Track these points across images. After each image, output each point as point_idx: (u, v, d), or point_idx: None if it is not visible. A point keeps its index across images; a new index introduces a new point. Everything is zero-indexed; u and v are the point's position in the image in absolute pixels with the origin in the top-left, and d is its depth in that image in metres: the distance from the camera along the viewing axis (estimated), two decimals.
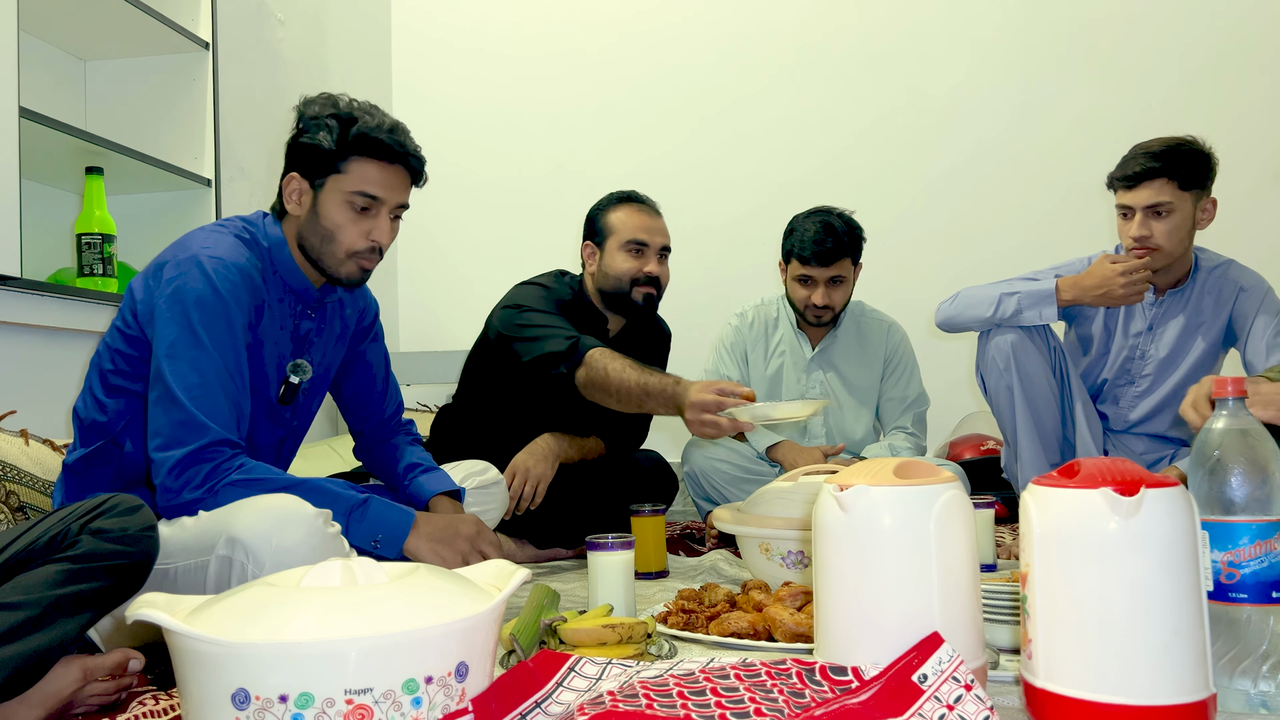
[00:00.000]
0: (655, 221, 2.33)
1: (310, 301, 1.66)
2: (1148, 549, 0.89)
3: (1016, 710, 1.03)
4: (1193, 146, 2.16)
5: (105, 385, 1.55)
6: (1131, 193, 2.17)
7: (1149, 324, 2.33)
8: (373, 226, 1.58)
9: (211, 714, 0.78)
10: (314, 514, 1.36)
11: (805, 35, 3.61)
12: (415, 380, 3.25)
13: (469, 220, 3.83)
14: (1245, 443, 1.04)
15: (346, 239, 1.57)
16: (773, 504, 1.71)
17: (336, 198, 1.56)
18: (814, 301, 2.53)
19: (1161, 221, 2.16)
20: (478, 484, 1.99)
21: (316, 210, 1.57)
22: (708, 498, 2.57)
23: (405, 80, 3.89)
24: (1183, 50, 3.33)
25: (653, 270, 2.30)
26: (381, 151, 1.56)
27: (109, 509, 1.14)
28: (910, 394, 2.66)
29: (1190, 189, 2.15)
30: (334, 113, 1.56)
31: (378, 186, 1.56)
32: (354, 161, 1.55)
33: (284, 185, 1.60)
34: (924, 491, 0.97)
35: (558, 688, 0.93)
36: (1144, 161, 2.15)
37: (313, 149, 1.55)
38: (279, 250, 1.60)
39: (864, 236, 2.57)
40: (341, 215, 1.56)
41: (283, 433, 1.69)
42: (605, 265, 2.31)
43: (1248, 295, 2.25)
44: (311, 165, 1.57)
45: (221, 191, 2.67)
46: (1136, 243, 2.19)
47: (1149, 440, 2.38)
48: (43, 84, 2.49)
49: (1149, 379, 2.34)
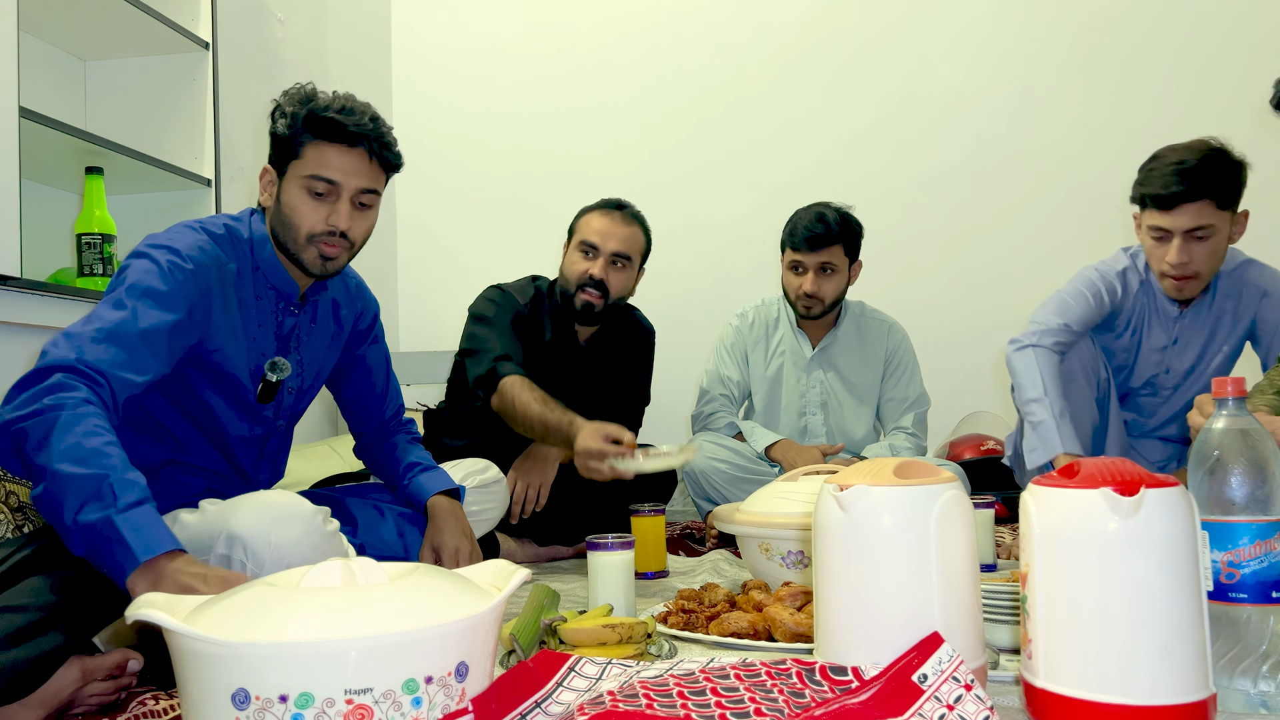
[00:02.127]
0: (616, 228, 2.30)
1: (293, 299, 1.63)
2: (1148, 549, 0.89)
3: (1016, 710, 1.03)
4: (1228, 157, 1.99)
5: None
6: (1169, 215, 1.97)
7: (1173, 339, 2.25)
8: (331, 211, 1.53)
9: (211, 714, 0.78)
10: (313, 511, 1.36)
11: (805, 36, 3.61)
12: (415, 380, 3.25)
13: (469, 220, 3.83)
14: (1245, 443, 1.04)
15: (304, 223, 1.53)
16: (773, 504, 1.71)
17: (295, 183, 1.53)
18: (804, 289, 2.53)
19: (1203, 245, 1.99)
20: (478, 483, 1.99)
21: (280, 198, 1.56)
22: (707, 498, 2.57)
23: (405, 80, 3.89)
24: (1183, 51, 3.33)
25: (596, 273, 2.27)
26: (334, 132, 1.51)
27: None
28: (911, 394, 2.66)
29: (1228, 208, 1.99)
30: (294, 98, 1.54)
31: (333, 170, 1.52)
32: (310, 145, 1.52)
33: (260, 179, 1.59)
34: (924, 491, 0.97)
35: (558, 688, 0.93)
36: (1183, 181, 1.94)
37: (274, 137, 1.54)
38: (261, 247, 1.58)
39: (860, 229, 2.57)
40: (299, 200, 1.53)
41: (263, 430, 1.66)
42: (563, 266, 2.35)
43: (1271, 301, 2.15)
44: (277, 154, 1.56)
45: (221, 191, 2.66)
46: (1174, 269, 2.02)
47: (1164, 445, 2.37)
48: (43, 84, 2.49)
49: (1170, 390, 2.31)
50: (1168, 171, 1.98)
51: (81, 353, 1.29)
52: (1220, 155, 1.99)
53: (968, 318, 3.39)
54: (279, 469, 1.76)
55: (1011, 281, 3.35)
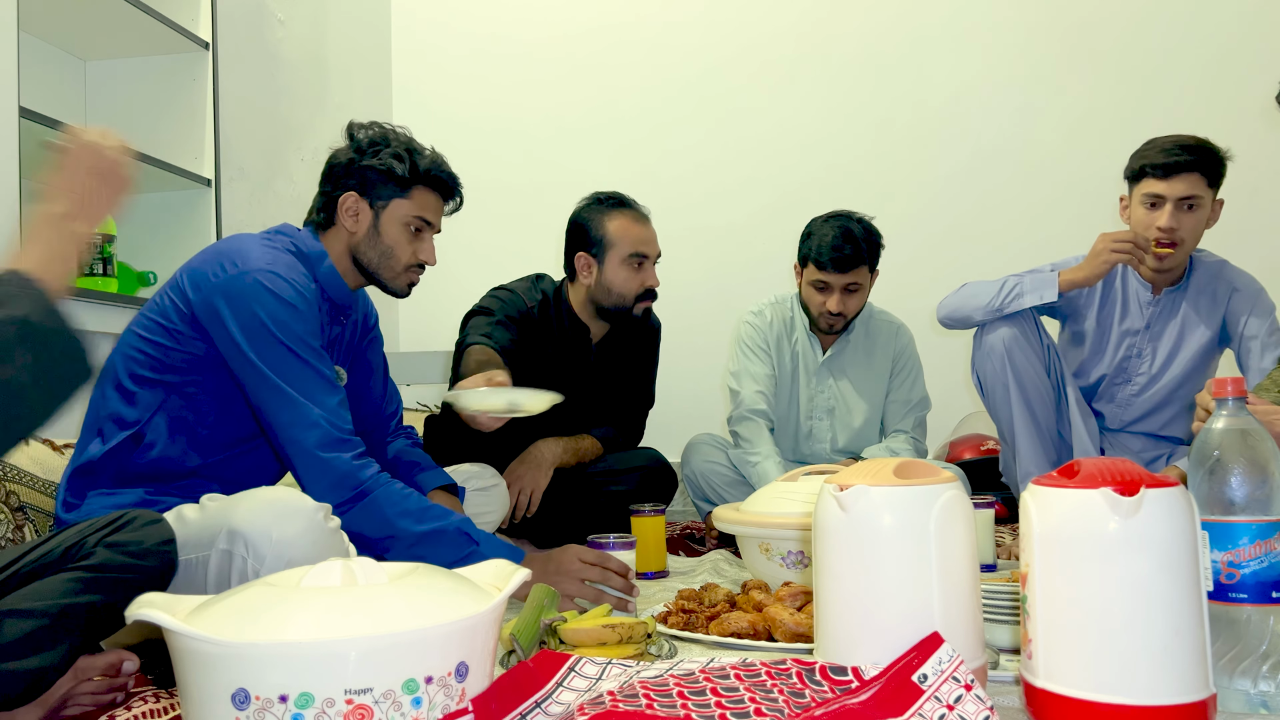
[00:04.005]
0: (649, 230, 2.35)
1: (347, 310, 1.76)
2: (1148, 549, 0.89)
3: (1016, 710, 1.03)
4: (1214, 146, 2.20)
5: (133, 376, 1.56)
6: (1166, 182, 2.16)
7: (1146, 323, 2.34)
8: (420, 247, 1.75)
9: (211, 714, 0.78)
10: (314, 508, 1.36)
11: (808, 39, 3.60)
12: (415, 380, 3.25)
13: (469, 222, 3.77)
14: (1245, 443, 1.04)
15: (404, 256, 1.73)
16: (773, 504, 1.71)
17: (398, 220, 1.71)
18: (829, 308, 2.48)
19: (1191, 215, 2.17)
20: (478, 487, 1.99)
21: (378, 229, 1.71)
22: (706, 499, 2.57)
23: (405, 82, 3.89)
24: (1185, 52, 3.33)
25: (653, 284, 2.34)
26: (441, 185, 1.76)
27: (128, 523, 1.14)
28: (914, 397, 2.65)
29: (1214, 187, 2.19)
30: (403, 144, 1.72)
31: (432, 213, 1.76)
32: (418, 190, 1.72)
33: (340, 202, 1.70)
34: (924, 491, 0.97)
35: (558, 688, 0.93)
36: (1182, 153, 2.16)
37: (383, 173, 1.69)
38: (319, 261, 1.69)
39: (883, 244, 2.52)
40: (401, 235, 1.72)
41: None
42: (607, 279, 2.31)
43: (1241, 296, 2.26)
44: (375, 187, 1.70)
45: (221, 191, 2.66)
46: (1163, 234, 2.18)
47: (1145, 439, 2.39)
48: (43, 84, 2.49)
49: (1145, 378, 2.35)
50: (1168, 145, 2.19)
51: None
52: (1209, 143, 2.20)
53: None
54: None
55: None
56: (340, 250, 1.72)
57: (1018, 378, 2.27)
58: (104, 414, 1.56)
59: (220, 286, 1.53)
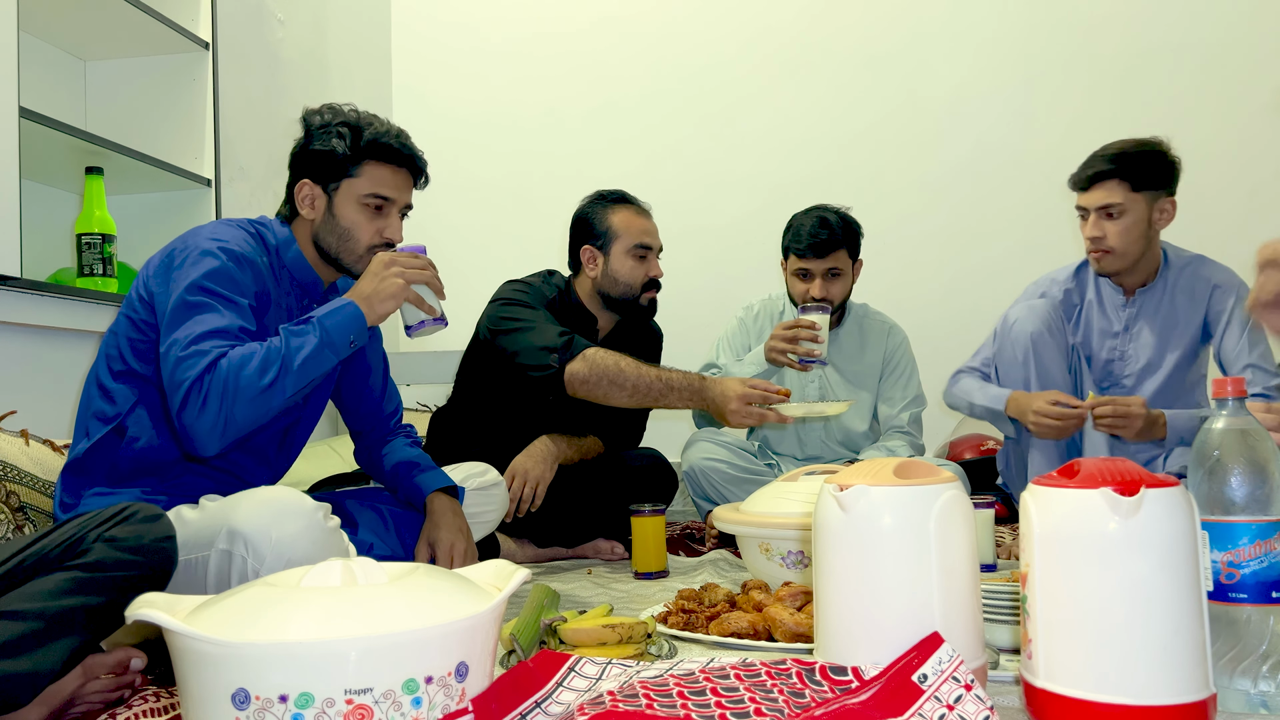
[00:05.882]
0: (651, 223, 2.40)
1: (317, 295, 1.72)
2: (1148, 549, 0.89)
3: (1016, 710, 1.03)
4: (1151, 148, 2.21)
5: (112, 372, 1.56)
6: (1085, 194, 2.24)
7: (1124, 325, 2.36)
8: (385, 224, 1.68)
9: (211, 714, 0.78)
10: (313, 507, 1.36)
11: (805, 35, 3.61)
12: (415, 380, 3.25)
13: (468, 220, 3.83)
14: (1245, 443, 1.04)
15: (364, 236, 1.67)
16: (773, 504, 1.71)
17: (351, 199, 1.66)
18: (812, 295, 2.53)
19: (1114, 222, 2.21)
20: (477, 486, 1.99)
21: (333, 212, 1.66)
22: (707, 497, 2.57)
23: (405, 80, 3.89)
24: (1183, 52, 3.33)
25: (658, 273, 2.38)
26: (392, 155, 1.67)
27: (126, 517, 1.13)
28: (909, 395, 2.67)
29: (1143, 190, 2.20)
30: (344, 121, 1.66)
31: (389, 188, 1.67)
32: (366, 165, 1.65)
33: (295, 191, 1.67)
34: (924, 491, 0.97)
35: (558, 688, 0.93)
36: (1097, 164, 2.21)
37: (326, 155, 1.65)
38: (286, 247, 1.68)
39: (860, 231, 2.58)
40: (357, 215, 1.66)
41: (289, 420, 1.71)
42: (612, 270, 2.34)
43: (1222, 292, 2.27)
44: (324, 170, 1.66)
45: (221, 191, 2.67)
46: (1091, 243, 2.25)
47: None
48: (43, 84, 2.49)
49: (1132, 379, 2.35)
50: (1087, 160, 2.26)
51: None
52: (1143, 144, 2.22)
53: (968, 317, 3.37)
54: (292, 459, 1.80)
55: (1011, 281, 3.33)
56: (305, 240, 1.69)
57: (1040, 376, 2.27)
58: (89, 412, 1.57)
59: (164, 261, 1.54)
